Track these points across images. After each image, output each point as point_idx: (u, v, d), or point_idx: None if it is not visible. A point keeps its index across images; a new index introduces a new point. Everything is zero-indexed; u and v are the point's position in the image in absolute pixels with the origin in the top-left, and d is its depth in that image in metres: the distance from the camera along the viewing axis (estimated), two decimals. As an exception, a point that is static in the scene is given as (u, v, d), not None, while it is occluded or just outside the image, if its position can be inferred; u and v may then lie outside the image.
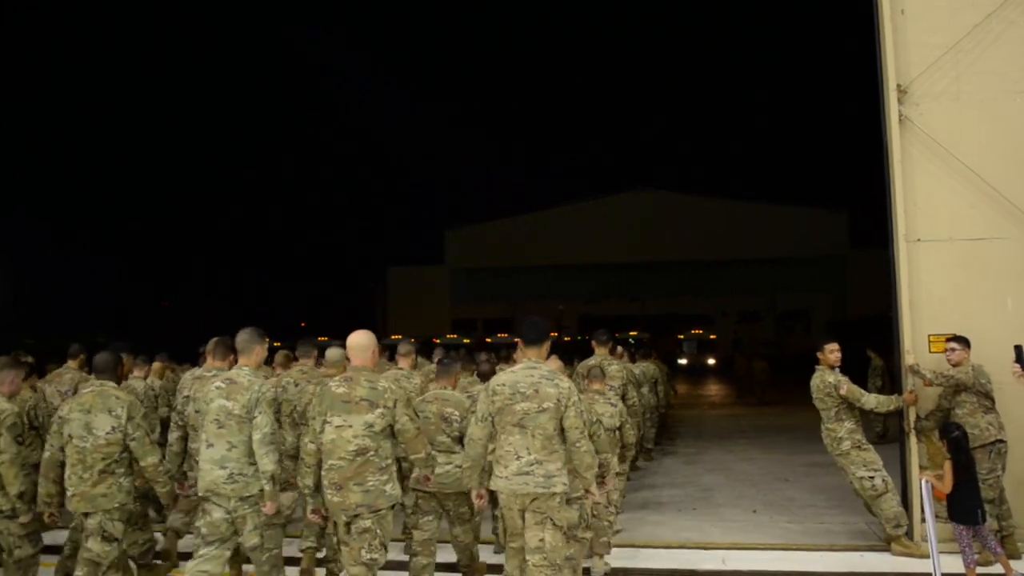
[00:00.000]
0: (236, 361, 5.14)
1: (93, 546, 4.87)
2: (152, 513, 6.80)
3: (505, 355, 12.45)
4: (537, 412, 4.47)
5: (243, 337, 5.01)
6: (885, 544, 6.64)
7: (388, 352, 8.66)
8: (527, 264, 46.23)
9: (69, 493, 4.89)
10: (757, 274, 45.13)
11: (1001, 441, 6.10)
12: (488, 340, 33.28)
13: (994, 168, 6.82)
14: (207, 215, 54.05)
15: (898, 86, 6.99)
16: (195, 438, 5.21)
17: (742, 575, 6.21)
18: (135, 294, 45.20)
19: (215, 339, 5.74)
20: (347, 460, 4.45)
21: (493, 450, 4.62)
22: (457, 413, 5.51)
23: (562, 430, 4.48)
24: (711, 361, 37.38)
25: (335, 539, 4.80)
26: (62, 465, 4.95)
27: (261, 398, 4.75)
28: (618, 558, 6.39)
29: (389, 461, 4.56)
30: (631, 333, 33.59)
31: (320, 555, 5.90)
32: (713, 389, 27.26)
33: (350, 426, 4.50)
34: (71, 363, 7.48)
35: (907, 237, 6.88)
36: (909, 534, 6.52)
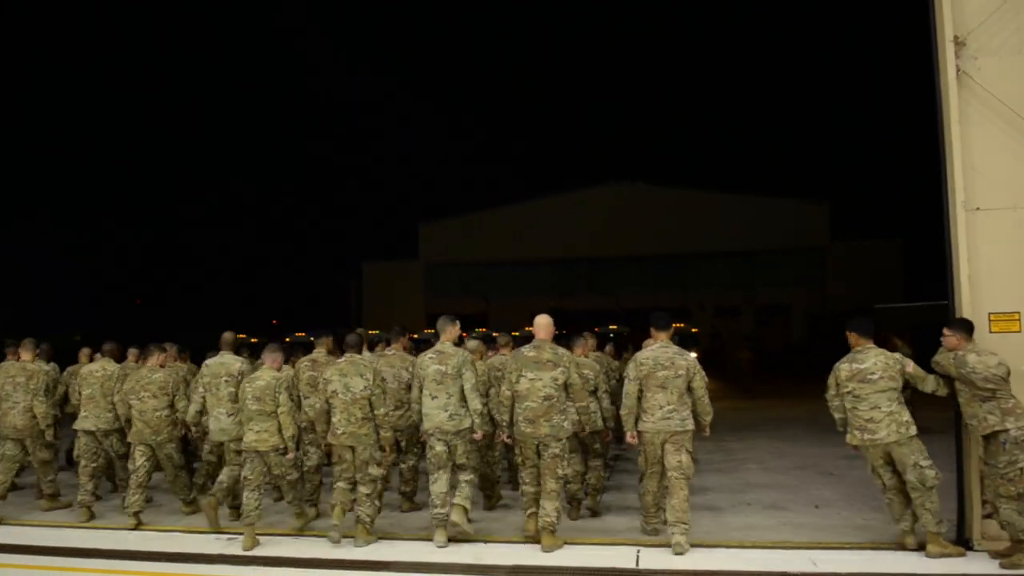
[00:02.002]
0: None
1: (373, 472, 6.73)
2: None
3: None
4: (674, 377, 6.44)
5: (442, 321, 6.99)
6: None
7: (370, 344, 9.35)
8: (502, 258, 45.50)
9: (339, 432, 6.72)
10: (735, 267, 44.72)
11: (1004, 431, 5.67)
12: (464, 335, 32.38)
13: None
14: (177, 212, 52.53)
15: (955, 38, 6.35)
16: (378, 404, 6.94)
17: None
18: (108, 292, 43.82)
19: (396, 328, 8.64)
20: (538, 403, 6.42)
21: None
22: (591, 373, 7.49)
23: (690, 389, 6.44)
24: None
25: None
26: (328, 413, 6.82)
27: (466, 361, 6.76)
28: (693, 559, 6.01)
29: (566, 405, 6.50)
30: (611, 327, 32.99)
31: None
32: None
33: (540, 379, 6.45)
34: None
35: (966, 205, 6.23)
36: (962, 531, 6.15)
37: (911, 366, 6.12)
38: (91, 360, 9.45)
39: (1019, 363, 6.02)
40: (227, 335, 7.97)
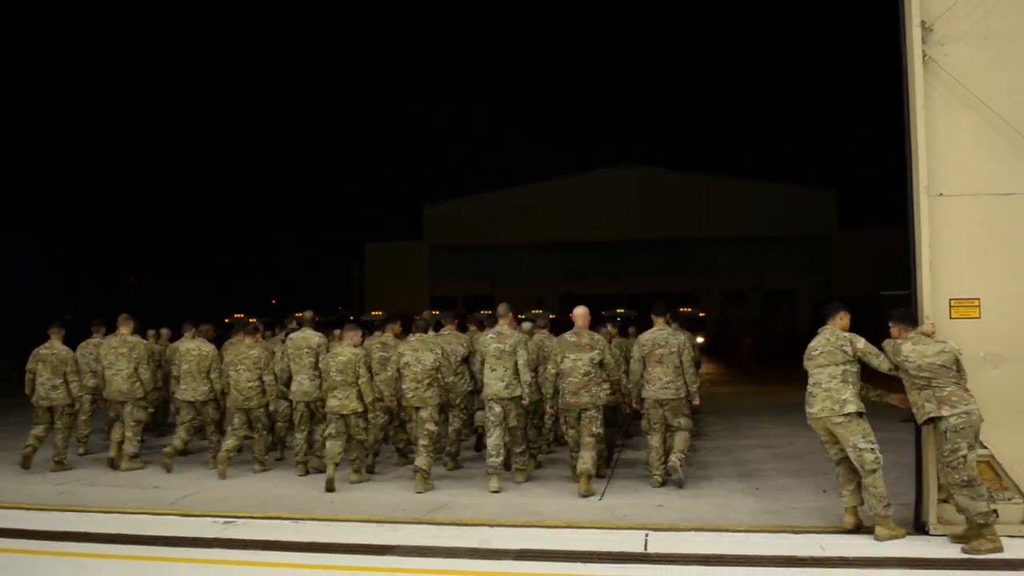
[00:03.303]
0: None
1: (429, 427, 7.99)
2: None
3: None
4: (669, 354, 7.82)
5: (503, 308, 8.43)
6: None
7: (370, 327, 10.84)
8: (508, 241, 45.26)
9: (409, 395, 8.07)
10: (743, 253, 44.54)
11: (940, 418, 5.72)
12: (470, 316, 32.14)
13: (1024, 116, 6.13)
14: (175, 188, 52.25)
15: (922, 23, 6.32)
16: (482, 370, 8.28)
17: (850, 562, 5.54)
18: (101, 270, 43.60)
19: (452, 311, 10.05)
20: (578, 378, 7.79)
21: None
22: (611, 359, 8.35)
23: (681, 363, 7.82)
24: (700, 340, 36.56)
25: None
26: (397, 380, 8.22)
27: (520, 341, 8.12)
28: (701, 544, 5.96)
29: (602, 378, 7.91)
30: (618, 311, 32.86)
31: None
32: (708, 368, 26.76)
33: (580, 359, 7.82)
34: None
35: (929, 191, 6.22)
36: (920, 515, 6.20)
37: (861, 343, 6.17)
38: (157, 338, 11.34)
39: (979, 349, 6.07)
40: (307, 314, 9.66)
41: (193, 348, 9.41)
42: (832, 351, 6.18)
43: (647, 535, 6.24)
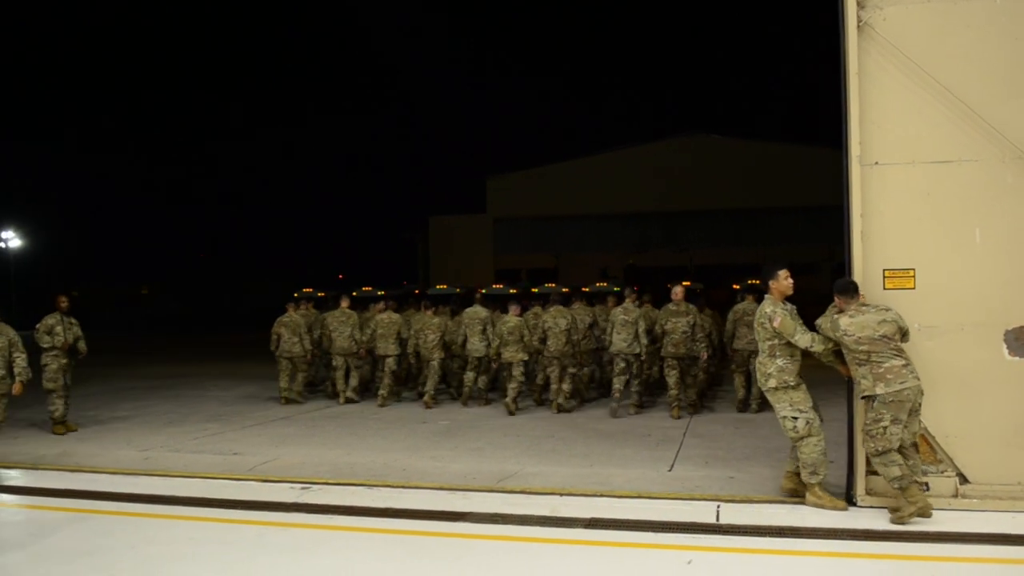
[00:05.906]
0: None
1: (571, 371, 11.54)
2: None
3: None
4: (752, 320, 7.40)
5: (627, 291, 11.45)
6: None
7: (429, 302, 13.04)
8: (571, 213, 44.91)
9: (552, 349, 11.17)
10: (813, 222, 43.28)
11: (874, 396, 5.72)
12: (535, 290, 32.09)
13: (965, 81, 6.00)
14: (245, 166, 53.39)
15: None
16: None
17: (929, 536, 5.49)
18: (173, 246, 45.00)
19: (566, 292, 14.89)
20: (679, 335, 10.66)
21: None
22: (706, 324, 11.48)
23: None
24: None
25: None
26: (544, 339, 11.33)
27: (641, 314, 10.94)
28: (776, 515, 5.94)
29: (694, 336, 10.77)
30: (684, 283, 32.34)
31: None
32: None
33: (679, 322, 10.68)
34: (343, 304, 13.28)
35: (862, 160, 6.10)
36: (852, 489, 6.21)
37: (778, 321, 6.16)
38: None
39: (913, 321, 6.00)
40: (477, 295, 13.44)
41: (385, 318, 12.66)
42: (758, 327, 6.36)
43: (719, 506, 6.23)
